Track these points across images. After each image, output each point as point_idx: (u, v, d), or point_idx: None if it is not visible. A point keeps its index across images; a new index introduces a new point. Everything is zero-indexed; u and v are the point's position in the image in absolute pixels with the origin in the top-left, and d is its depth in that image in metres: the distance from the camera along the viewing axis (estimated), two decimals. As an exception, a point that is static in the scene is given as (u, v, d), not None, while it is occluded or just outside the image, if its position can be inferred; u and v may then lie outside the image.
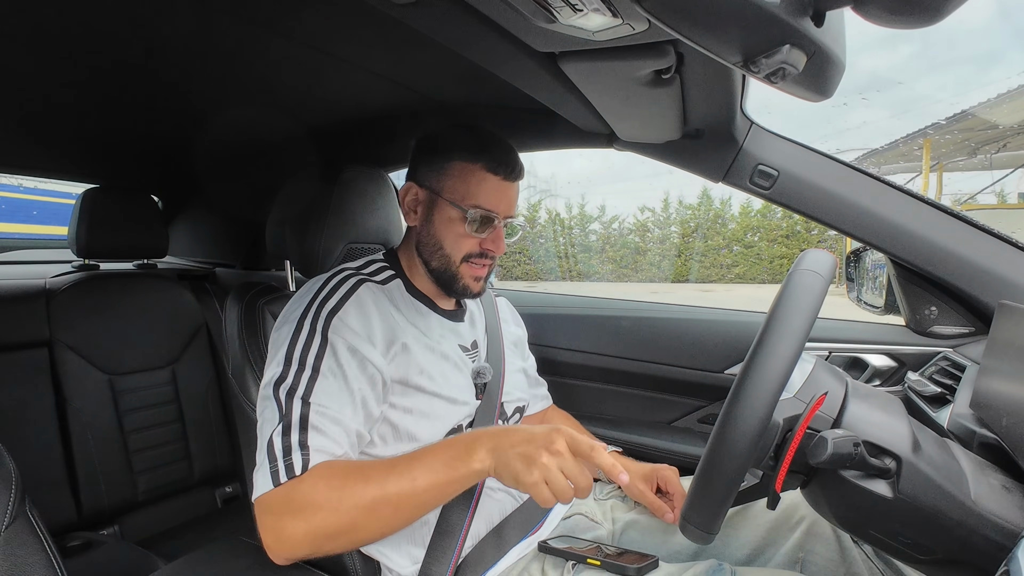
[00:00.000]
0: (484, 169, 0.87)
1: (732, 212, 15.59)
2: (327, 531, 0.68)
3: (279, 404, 0.75)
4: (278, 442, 0.72)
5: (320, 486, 0.69)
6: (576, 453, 0.65)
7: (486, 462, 0.67)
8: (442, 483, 0.69)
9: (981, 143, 9.49)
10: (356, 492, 0.68)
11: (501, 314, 1.12)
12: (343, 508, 0.68)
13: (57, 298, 1.50)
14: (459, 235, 0.89)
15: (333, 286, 0.86)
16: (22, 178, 4.25)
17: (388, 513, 0.69)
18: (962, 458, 0.59)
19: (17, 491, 0.52)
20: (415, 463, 0.70)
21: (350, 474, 0.70)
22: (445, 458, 0.69)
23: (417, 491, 0.68)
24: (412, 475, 0.69)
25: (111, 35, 0.88)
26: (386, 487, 0.68)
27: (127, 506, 1.55)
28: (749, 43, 0.48)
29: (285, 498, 0.70)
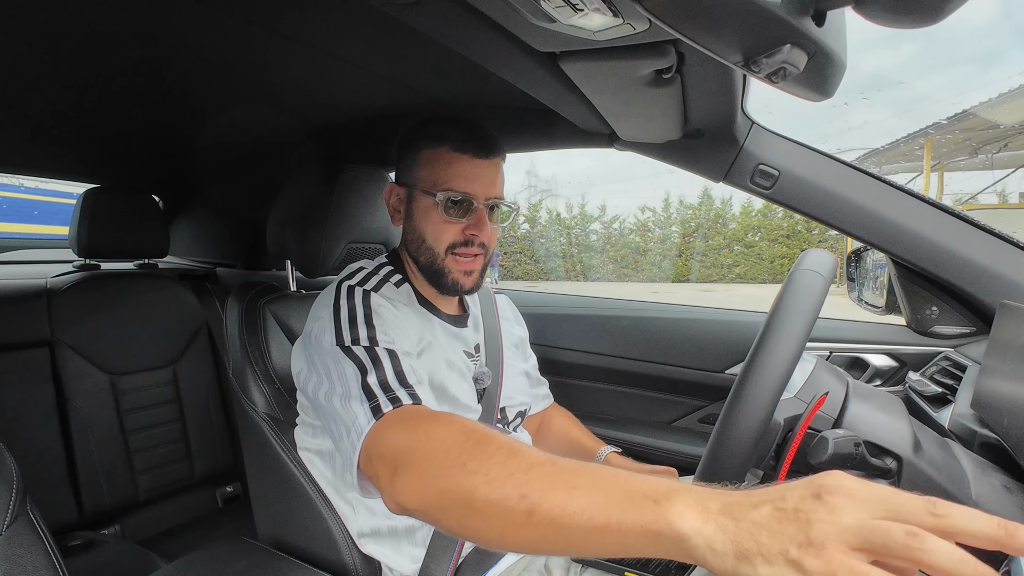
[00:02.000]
0: (450, 150, 0.85)
1: (733, 212, 15.60)
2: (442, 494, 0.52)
3: (355, 357, 0.71)
4: (373, 381, 0.67)
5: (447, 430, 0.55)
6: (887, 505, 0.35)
7: (696, 525, 0.39)
8: (607, 520, 0.43)
9: (982, 143, 9.48)
10: (493, 458, 0.51)
11: (501, 313, 1.11)
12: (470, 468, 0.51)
13: (58, 298, 1.50)
14: (438, 224, 0.86)
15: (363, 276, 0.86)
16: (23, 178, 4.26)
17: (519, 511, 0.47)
18: (963, 458, 0.59)
19: (18, 491, 0.52)
20: (583, 470, 0.48)
21: (493, 436, 0.54)
22: (621, 490, 0.44)
23: (568, 509, 0.45)
24: (573, 482, 0.46)
25: (112, 35, 0.88)
26: (530, 477, 0.48)
27: (128, 506, 1.56)
28: (750, 43, 0.48)
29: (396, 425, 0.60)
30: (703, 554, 0.38)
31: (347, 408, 0.66)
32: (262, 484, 1.02)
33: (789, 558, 0.34)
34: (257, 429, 0.97)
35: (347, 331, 0.75)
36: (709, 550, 0.38)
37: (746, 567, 0.36)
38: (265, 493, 1.01)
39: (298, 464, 0.92)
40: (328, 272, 1.10)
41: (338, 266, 1.10)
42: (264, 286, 1.12)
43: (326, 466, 0.89)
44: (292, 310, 1.10)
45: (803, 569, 0.34)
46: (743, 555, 0.36)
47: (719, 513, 0.39)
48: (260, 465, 0.99)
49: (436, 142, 0.86)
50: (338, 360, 0.71)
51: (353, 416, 0.65)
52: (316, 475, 0.90)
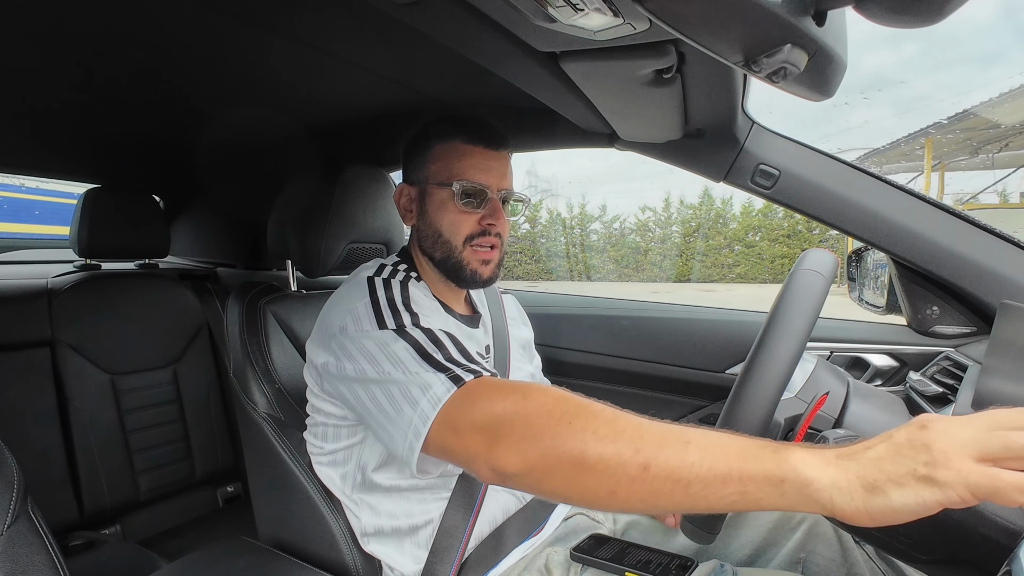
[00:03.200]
0: (462, 143, 0.87)
1: (733, 212, 15.58)
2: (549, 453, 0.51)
3: (411, 338, 0.69)
4: (442, 357, 0.64)
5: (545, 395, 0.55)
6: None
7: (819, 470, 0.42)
8: (727, 468, 0.45)
9: (983, 142, 9.47)
10: (600, 417, 0.51)
11: (508, 313, 1.10)
12: (576, 426, 0.51)
13: (59, 298, 1.50)
14: (454, 216, 0.86)
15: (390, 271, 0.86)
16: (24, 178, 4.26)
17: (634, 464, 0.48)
18: (964, 458, 0.59)
19: (19, 491, 0.52)
20: (694, 428, 0.50)
21: (590, 405, 0.54)
22: (744, 441, 0.47)
23: (685, 460, 0.46)
24: (686, 437, 0.48)
25: (113, 36, 0.88)
26: (641, 432, 0.49)
27: (129, 506, 1.56)
28: (750, 42, 0.48)
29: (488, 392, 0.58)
30: (830, 496, 0.40)
31: (414, 378, 0.63)
32: (263, 484, 1.02)
33: (919, 476, 0.37)
34: (258, 429, 0.97)
35: (391, 318, 0.73)
36: (836, 489, 0.40)
37: (877, 497, 0.38)
38: (266, 493, 1.01)
39: (299, 464, 0.92)
40: (329, 272, 1.10)
41: (339, 266, 1.10)
42: (265, 286, 1.12)
43: (333, 468, 0.88)
44: (293, 310, 1.10)
45: (936, 482, 0.36)
46: (871, 487, 0.39)
47: (837, 458, 0.41)
48: (261, 465, 0.99)
49: (447, 136, 0.87)
50: (388, 343, 0.69)
51: (426, 385, 0.62)
52: (321, 475, 0.89)
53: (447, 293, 0.94)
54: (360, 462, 0.84)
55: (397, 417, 0.64)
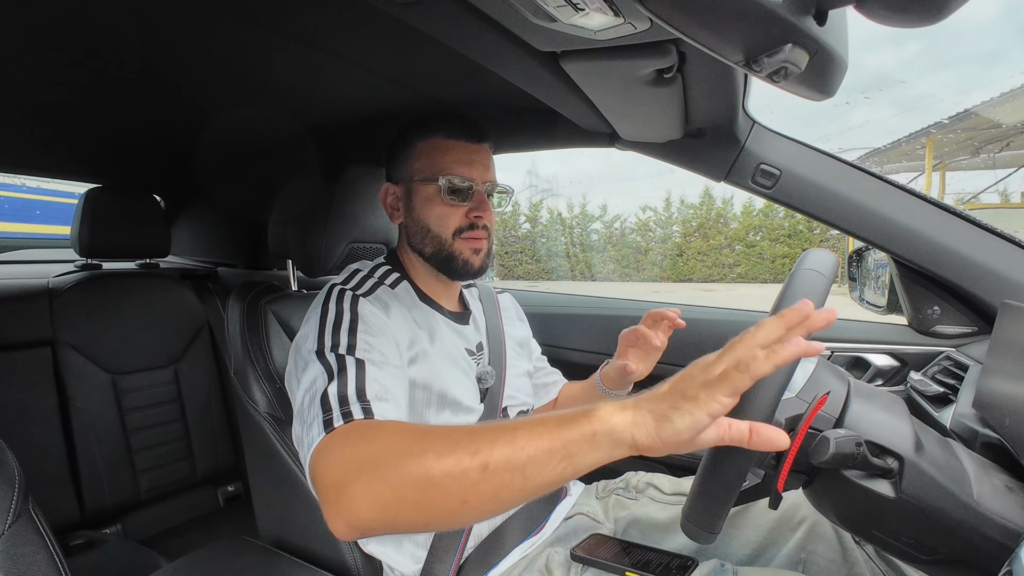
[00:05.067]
0: (444, 138, 0.89)
1: (734, 211, 15.59)
2: (397, 486, 0.54)
3: (326, 363, 0.71)
4: (333, 392, 0.67)
5: (392, 432, 0.58)
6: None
7: (619, 417, 0.50)
8: (552, 450, 0.51)
9: (984, 142, 9.46)
10: (435, 437, 0.55)
11: (504, 312, 1.11)
12: (416, 451, 0.54)
13: (60, 297, 1.50)
14: (441, 210, 0.88)
15: (358, 280, 0.87)
16: (25, 178, 4.26)
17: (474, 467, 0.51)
18: (965, 458, 0.59)
19: (20, 490, 0.52)
20: (514, 421, 0.55)
21: (431, 430, 0.58)
22: (553, 425, 0.52)
23: (515, 450, 0.51)
24: (512, 428, 0.53)
25: (113, 35, 0.88)
26: (474, 438, 0.53)
27: (130, 505, 1.56)
28: (751, 42, 0.48)
29: (344, 440, 0.61)
30: (631, 433, 0.50)
31: (308, 415, 0.67)
32: (263, 483, 1.02)
33: (688, 397, 0.49)
34: (258, 428, 0.97)
35: (329, 336, 0.75)
36: (635, 427, 0.50)
37: (664, 425, 0.49)
38: (266, 492, 1.02)
39: (299, 463, 0.92)
40: (329, 272, 1.11)
41: (339, 266, 1.11)
42: (265, 286, 1.12)
43: None
44: (293, 310, 1.10)
45: (698, 401, 0.48)
46: (660, 417, 0.50)
47: (633, 404, 0.51)
48: (261, 464, 1.00)
49: (429, 133, 0.89)
50: (311, 365, 0.73)
51: (309, 426, 0.66)
52: None
53: (438, 290, 0.95)
54: None
55: (300, 452, 0.68)
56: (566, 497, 1.02)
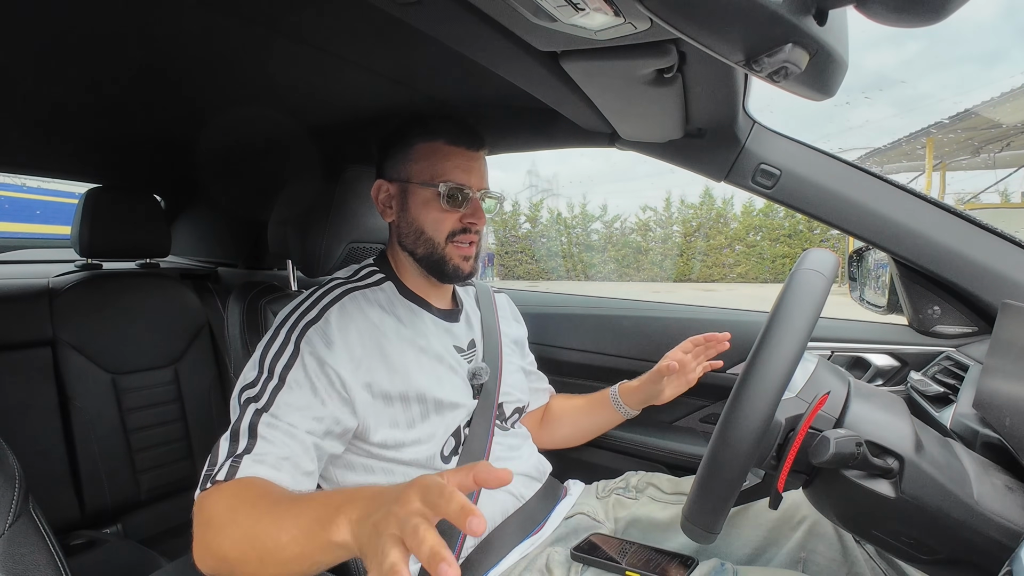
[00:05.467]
0: (445, 143, 0.89)
1: (734, 211, 15.58)
2: (213, 553, 0.63)
3: (239, 409, 0.75)
4: (223, 447, 0.72)
5: (222, 503, 0.65)
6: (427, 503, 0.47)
7: (345, 535, 0.53)
8: (301, 548, 0.56)
9: (984, 142, 9.46)
10: (236, 522, 0.62)
11: (500, 312, 1.12)
12: (223, 535, 0.62)
13: (60, 297, 1.50)
14: (438, 215, 0.89)
15: (316, 298, 0.86)
16: (25, 178, 4.26)
17: (253, 558, 0.59)
18: (965, 458, 0.59)
19: (20, 489, 0.52)
20: (292, 510, 0.60)
21: (248, 500, 0.65)
22: (312, 517, 0.57)
23: (279, 546, 0.57)
24: (280, 524, 0.59)
25: (113, 35, 0.88)
26: (256, 528, 0.60)
27: (130, 505, 1.56)
28: (751, 42, 0.48)
29: (200, 505, 0.68)
30: (351, 548, 0.53)
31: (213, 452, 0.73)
32: (263, 483, 1.02)
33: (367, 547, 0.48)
34: (258, 428, 0.97)
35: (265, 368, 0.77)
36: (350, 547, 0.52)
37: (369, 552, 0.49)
38: (266, 492, 1.01)
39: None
40: (329, 272, 1.11)
41: (339, 265, 1.11)
42: (265, 286, 1.12)
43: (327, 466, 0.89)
44: (293, 309, 1.10)
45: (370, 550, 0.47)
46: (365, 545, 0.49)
47: (356, 523, 0.52)
48: (261, 464, 0.99)
49: (430, 136, 0.89)
50: (233, 405, 0.77)
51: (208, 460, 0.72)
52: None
53: (427, 288, 0.96)
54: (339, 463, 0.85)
55: None
56: (566, 496, 1.02)
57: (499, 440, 0.95)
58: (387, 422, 0.83)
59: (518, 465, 0.97)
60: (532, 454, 1.03)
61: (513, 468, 0.95)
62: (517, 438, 1.01)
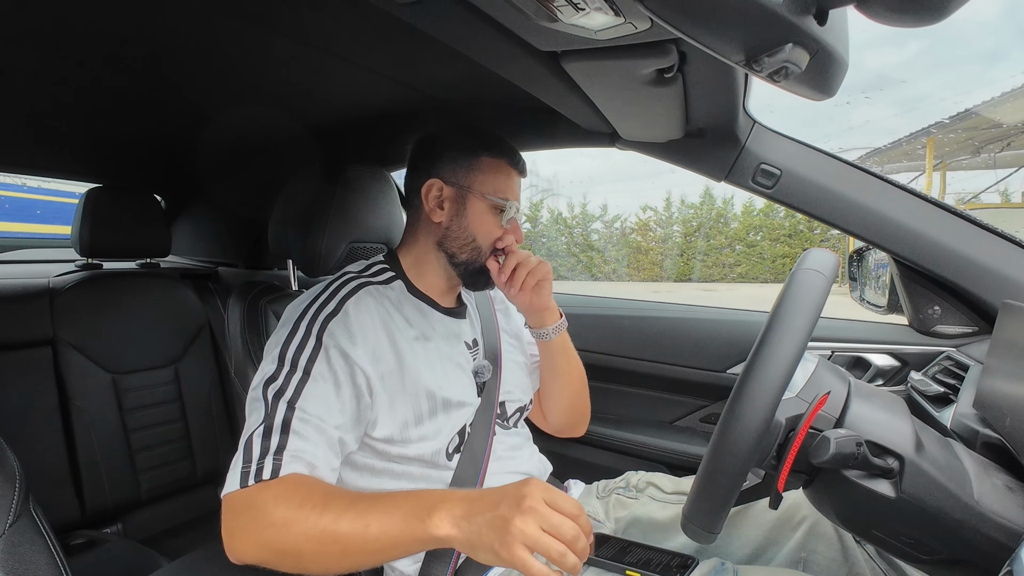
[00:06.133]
0: (508, 164, 0.93)
1: (734, 211, 15.56)
2: (274, 547, 0.66)
3: (265, 404, 0.75)
4: (257, 443, 0.72)
5: (280, 501, 0.67)
6: (556, 508, 0.58)
7: (449, 531, 0.60)
8: (394, 538, 0.63)
9: (985, 142, 9.45)
10: (310, 519, 0.65)
11: (496, 304, 1.11)
12: (293, 531, 0.65)
13: (60, 297, 1.50)
14: (492, 228, 0.92)
15: (332, 291, 0.86)
16: (26, 177, 4.26)
17: (335, 551, 0.64)
18: (965, 458, 0.59)
19: (21, 489, 0.52)
20: (374, 507, 0.65)
21: (312, 497, 0.67)
22: (405, 512, 0.63)
23: (368, 539, 0.63)
24: (366, 520, 0.64)
25: (114, 34, 0.88)
26: (338, 524, 0.64)
27: (130, 504, 1.56)
28: (752, 42, 0.48)
29: (247, 501, 0.69)
30: (455, 545, 0.61)
31: (238, 452, 0.74)
32: (264, 483, 1.02)
33: (492, 549, 0.57)
34: (259, 428, 0.97)
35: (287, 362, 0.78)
36: (456, 543, 0.61)
37: (476, 551, 0.59)
38: (267, 492, 1.01)
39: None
40: (330, 271, 1.11)
41: (340, 265, 1.11)
42: (266, 285, 1.12)
43: None
44: (294, 309, 1.10)
45: (499, 556, 0.57)
46: (472, 545, 0.59)
47: (460, 519, 0.60)
48: (262, 464, 0.99)
49: (497, 154, 0.93)
50: (257, 397, 0.77)
51: (233, 464, 0.73)
52: None
53: (441, 288, 0.96)
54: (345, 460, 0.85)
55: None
56: (566, 497, 1.03)
57: (500, 439, 0.95)
58: (397, 416, 0.83)
59: (519, 465, 0.97)
60: (533, 454, 1.03)
61: (514, 468, 0.95)
62: (519, 438, 1.01)
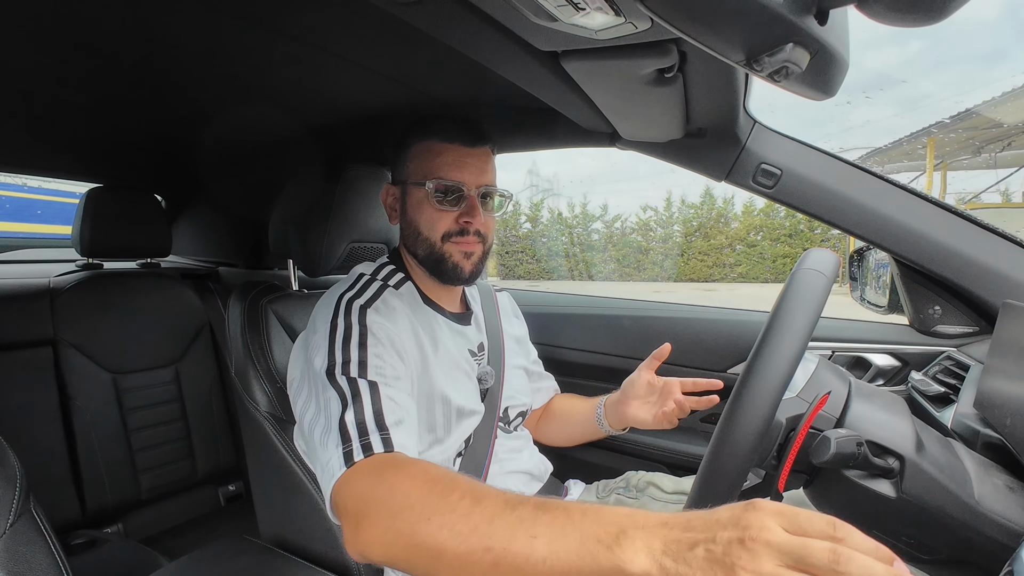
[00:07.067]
0: (438, 141, 0.87)
1: (735, 211, 15.57)
2: (408, 541, 0.53)
3: (339, 387, 0.70)
4: (351, 420, 0.67)
5: (411, 482, 0.57)
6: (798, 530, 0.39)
7: (645, 567, 0.42)
8: (567, 565, 0.46)
9: (985, 141, 9.45)
10: (458, 509, 0.52)
11: (502, 310, 1.11)
12: (434, 523, 0.52)
13: (61, 297, 1.50)
14: (431, 214, 0.87)
15: (361, 286, 0.85)
16: (26, 178, 4.27)
17: (486, 563, 0.49)
18: (966, 458, 0.59)
19: (21, 489, 0.52)
20: (540, 516, 0.49)
21: (456, 485, 0.55)
22: (583, 532, 0.46)
23: (532, 557, 0.47)
24: (532, 530, 0.48)
25: (114, 34, 0.88)
26: (494, 527, 0.50)
27: (131, 504, 1.56)
28: (752, 41, 0.47)
29: (367, 480, 0.61)
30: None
31: (324, 447, 0.67)
32: (264, 483, 1.02)
33: (727, 566, 0.38)
34: (259, 428, 0.97)
35: (340, 352, 0.74)
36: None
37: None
38: (267, 492, 1.02)
39: (300, 463, 0.92)
40: (330, 271, 1.11)
41: (340, 265, 1.11)
42: (266, 285, 1.12)
43: None
44: (294, 309, 1.10)
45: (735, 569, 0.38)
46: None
47: (662, 554, 0.42)
48: (262, 464, 1.00)
49: (425, 136, 0.88)
50: (324, 388, 0.72)
51: (328, 457, 0.66)
52: None
53: (439, 292, 0.95)
54: None
55: (318, 475, 0.68)
56: (567, 496, 1.02)
57: (501, 443, 0.95)
58: (420, 422, 0.82)
59: (519, 465, 0.97)
60: (533, 455, 1.03)
61: (514, 467, 0.95)
62: (519, 440, 1.01)
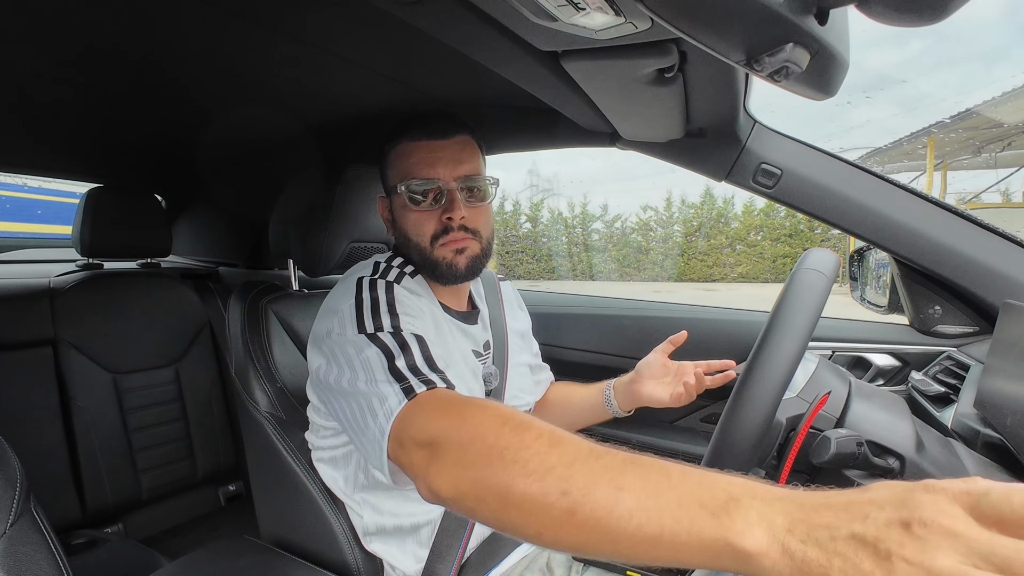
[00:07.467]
0: (408, 141, 0.84)
1: (735, 211, 15.57)
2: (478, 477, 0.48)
3: (382, 343, 0.68)
4: (403, 365, 0.63)
5: (480, 413, 0.52)
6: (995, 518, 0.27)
7: (762, 544, 0.33)
8: (660, 529, 0.38)
9: (986, 141, 9.45)
10: (533, 447, 0.46)
11: (506, 301, 1.08)
12: (507, 458, 0.47)
13: (61, 297, 1.50)
14: (415, 217, 0.84)
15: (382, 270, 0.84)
16: (26, 177, 4.27)
17: (561, 508, 0.42)
18: (966, 458, 0.59)
19: (22, 489, 0.52)
20: (632, 468, 0.43)
21: (532, 424, 0.49)
22: (682, 493, 0.39)
23: (617, 512, 0.40)
24: (619, 481, 0.42)
25: (114, 34, 0.88)
26: (573, 471, 0.43)
27: (131, 504, 1.56)
28: (752, 41, 0.47)
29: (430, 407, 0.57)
30: (768, 561, 0.33)
31: (375, 389, 0.63)
32: (264, 483, 1.02)
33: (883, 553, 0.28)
34: (259, 428, 0.97)
35: (370, 320, 0.72)
36: (771, 569, 0.33)
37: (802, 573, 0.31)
38: (267, 492, 1.02)
39: (300, 463, 0.92)
40: (330, 271, 1.11)
41: (340, 265, 1.11)
42: (266, 285, 1.12)
43: (335, 469, 0.88)
44: (294, 309, 1.10)
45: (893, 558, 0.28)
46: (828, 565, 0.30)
47: (787, 532, 0.33)
48: (262, 464, 1.00)
49: (396, 139, 0.86)
50: (362, 348, 0.68)
51: (383, 396, 0.61)
52: (323, 475, 0.89)
53: (443, 292, 0.93)
54: (361, 462, 0.84)
55: (365, 430, 0.63)
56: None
57: None
58: None
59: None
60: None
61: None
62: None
